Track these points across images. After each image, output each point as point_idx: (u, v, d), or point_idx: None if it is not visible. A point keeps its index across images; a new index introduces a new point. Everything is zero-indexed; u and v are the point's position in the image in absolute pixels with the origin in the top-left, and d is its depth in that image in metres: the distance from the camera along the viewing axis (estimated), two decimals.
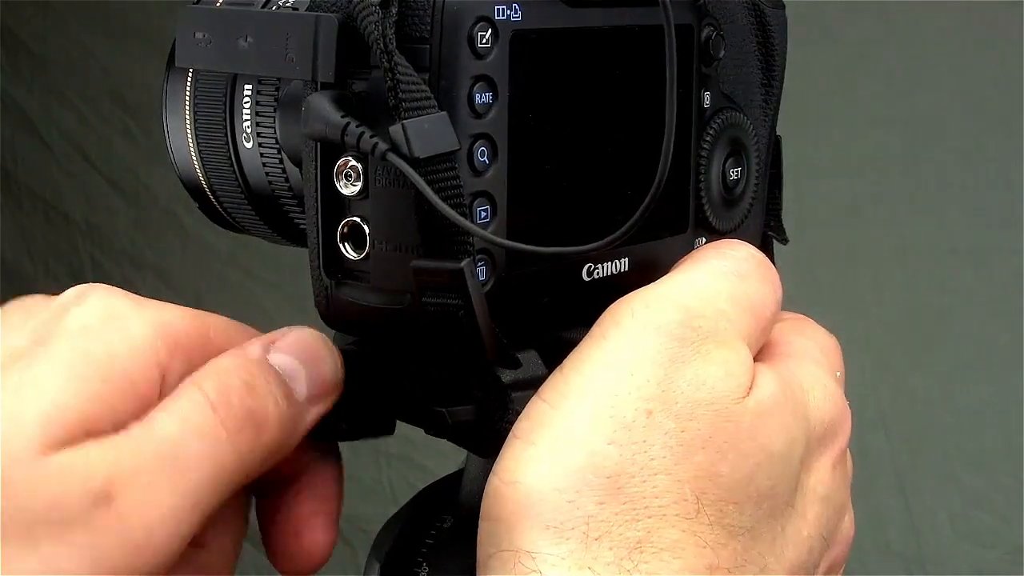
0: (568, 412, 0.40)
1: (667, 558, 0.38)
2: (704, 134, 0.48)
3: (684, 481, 0.39)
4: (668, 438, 0.39)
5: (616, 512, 0.38)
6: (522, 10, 0.42)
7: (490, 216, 0.42)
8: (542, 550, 0.38)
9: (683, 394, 0.40)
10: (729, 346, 0.41)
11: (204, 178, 0.50)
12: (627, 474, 0.39)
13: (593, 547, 0.38)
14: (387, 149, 0.39)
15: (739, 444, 0.40)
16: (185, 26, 0.44)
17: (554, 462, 0.39)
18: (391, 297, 0.42)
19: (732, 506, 0.39)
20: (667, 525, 0.39)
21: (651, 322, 0.41)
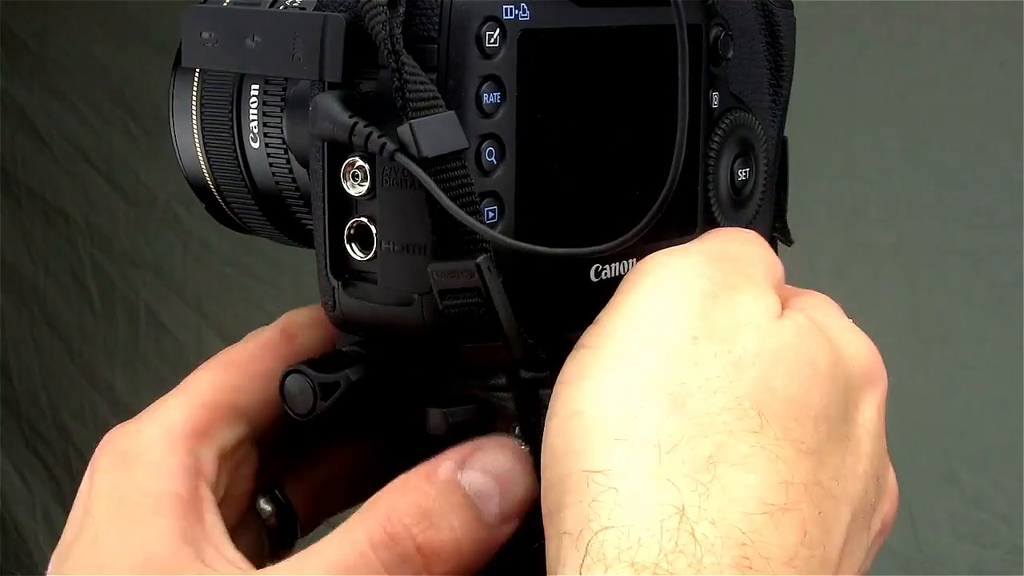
0: (616, 347, 0.40)
1: (740, 472, 0.38)
2: (713, 134, 0.48)
3: (743, 397, 0.39)
4: (717, 358, 0.39)
5: (683, 427, 0.38)
6: (530, 10, 0.41)
7: (498, 216, 0.42)
8: (614, 465, 0.37)
9: (722, 320, 0.40)
10: (755, 283, 0.42)
11: (211, 178, 0.50)
12: (687, 392, 0.39)
13: (666, 459, 0.37)
14: (395, 149, 0.39)
15: (786, 357, 0.40)
16: (191, 26, 0.44)
17: (613, 386, 0.39)
18: (399, 298, 0.42)
19: (793, 422, 0.39)
20: (735, 440, 0.38)
21: (679, 265, 0.42)
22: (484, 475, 0.42)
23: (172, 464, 0.42)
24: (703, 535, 0.36)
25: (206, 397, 0.45)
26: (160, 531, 0.40)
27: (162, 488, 0.42)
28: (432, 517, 0.40)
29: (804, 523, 0.38)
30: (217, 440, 0.44)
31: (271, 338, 0.47)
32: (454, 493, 0.41)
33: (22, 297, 2.11)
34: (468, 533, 0.41)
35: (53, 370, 2.07)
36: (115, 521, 0.41)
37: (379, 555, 0.39)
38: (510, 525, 0.42)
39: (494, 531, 0.42)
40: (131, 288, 1.99)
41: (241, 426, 0.45)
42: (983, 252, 1.39)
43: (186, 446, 0.43)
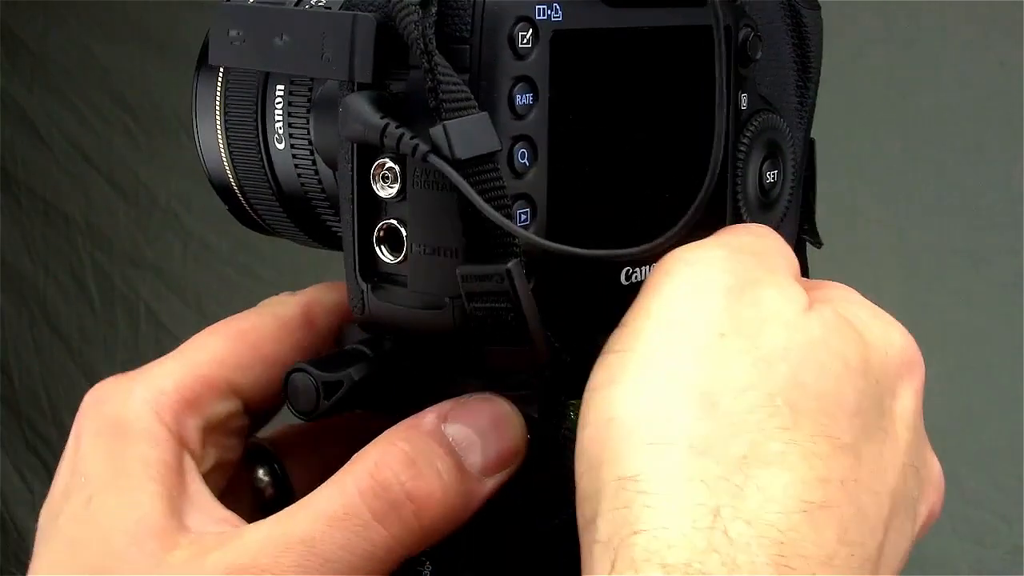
0: (644, 350, 0.39)
1: (775, 472, 0.37)
2: (741, 136, 0.48)
3: (774, 394, 0.38)
4: (746, 355, 0.39)
5: (715, 428, 0.38)
6: (563, 10, 0.41)
7: (530, 218, 0.41)
8: (645, 469, 0.37)
9: (748, 315, 0.40)
10: (778, 276, 0.42)
11: (234, 179, 0.50)
12: (717, 392, 0.38)
13: (699, 461, 0.37)
14: (428, 151, 0.38)
15: (815, 352, 0.40)
16: (219, 24, 0.43)
17: (644, 391, 0.39)
18: (429, 301, 0.41)
19: (826, 418, 0.38)
20: (768, 439, 0.38)
21: (700, 262, 0.41)
22: (466, 427, 0.42)
23: (160, 432, 0.43)
24: (738, 534, 0.36)
25: (203, 369, 0.45)
26: (152, 496, 0.41)
27: (153, 455, 0.42)
28: (419, 465, 0.40)
29: (842, 520, 0.37)
30: (205, 412, 0.44)
31: (291, 320, 0.47)
32: (438, 443, 0.41)
33: (22, 297, 2.11)
34: (454, 482, 0.41)
35: (53, 370, 2.07)
36: (109, 484, 0.42)
37: (369, 504, 0.40)
38: (493, 479, 0.42)
39: (477, 483, 0.42)
40: (131, 288, 1.99)
41: (233, 402, 0.45)
42: (983, 252, 1.39)
43: (173, 414, 0.43)
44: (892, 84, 1.42)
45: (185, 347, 0.45)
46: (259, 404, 0.46)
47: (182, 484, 0.42)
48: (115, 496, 0.42)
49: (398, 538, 0.40)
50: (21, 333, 2.11)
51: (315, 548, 0.39)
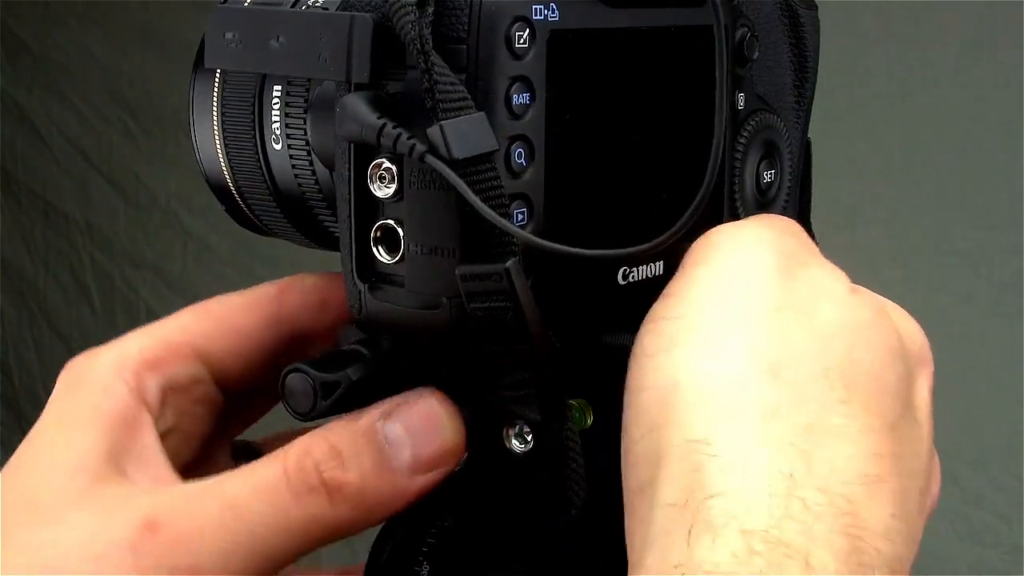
0: (701, 317, 0.40)
1: (839, 443, 0.37)
2: (738, 136, 0.48)
3: (831, 368, 0.39)
4: (803, 329, 0.39)
5: (781, 396, 0.38)
6: (560, 10, 0.41)
7: (527, 219, 0.41)
8: (718, 433, 0.37)
9: (802, 292, 0.40)
10: (820, 257, 0.43)
11: (231, 180, 0.50)
12: (779, 362, 0.39)
13: (769, 427, 0.37)
14: (425, 151, 0.39)
15: (866, 332, 0.40)
16: (215, 26, 0.43)
17: (709, 356, 0.39)
18: (426, 301, 0.41)
19: (876, 396, 0.39)
20: (828, 411, 0.38)
21: (748, 237, 0.42)
22: (401, 426, 0.43)
23: (117, 386, 0.44)
24: (812, 502, 0.36)
25: (167, 335, 0.46)
26: (91, 442, 0.43)
27: (102, 406, 0.44)
28: (342, 457, 0.42)
29: (893, 495, 0.38)
30: (166, 373, 0.46)
31: (262, 294, 0.48)
32: (369, 440, 0.43)
33: (22, 297, 2.11)
34: (373, 478, 0.42)
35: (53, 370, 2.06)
36: (52, 429, 0.44)
37: (290, 483, 0.42)
38: (425, 477, 0.43)
39: (404, 480, 0.43)
40: (131, 288, 1.99)
41: (197, 367, 0.47)
42: (983, 252, 1.39)
43: (134, 372, 0.45)
44: (892, 84, 1.42)
45: (157, 321, 0.47)
46: (232, 376, 0.47)
47: (132, 438, 0.44)
48: (58, 435, 0.44)
49: (313, 518, 0.42)
50: (21, 333, 2.11)
51: (236, 510, 0.41)
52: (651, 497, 0.38)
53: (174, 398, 0.46)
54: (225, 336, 0.47)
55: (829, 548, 0.35)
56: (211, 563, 0.40)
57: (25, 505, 0.42)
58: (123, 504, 0.42)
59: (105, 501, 0.42)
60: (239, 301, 0.48)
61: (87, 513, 0.41)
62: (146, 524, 0.41)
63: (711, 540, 0.35)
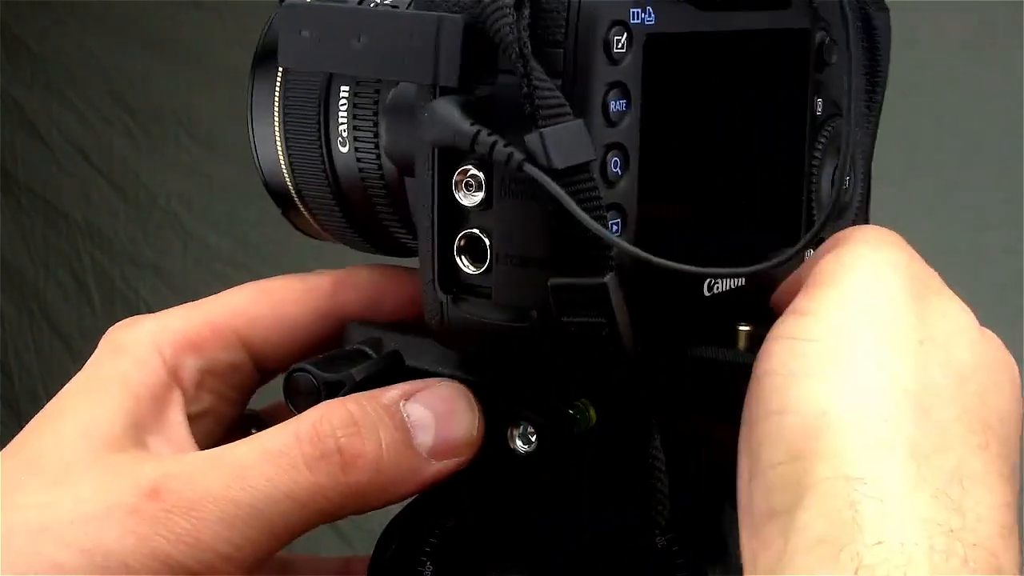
0: (842, 343, 0.38)
1: (981, 492, 0.36)
2: (816, 142, 0.47)
3: (969, 410, 0.38)
4: (942, 367, 0.38)
5: (930, 437, 0.37)
6: (656, 13, 0.40)
7: (621, 228, 0.40)
8: (873, 473, 0.35)
9: (938, 325, 0.39)
10: (944, 287, 0.42)
11: (292, 183, 0.48)
12: (927, 400, 0.37)
13: (922, 471, 0.36)
14: (523, 159, 0.37)
15: (996, 374, 0.39)
16: (288, 24, 0.41)
17: (858, 388, 0.37)
18: (514, 313, 0.40)
19: (1006, 441, 0.38)
20: (970, 455, 0.37)
21: (883, 261, 0.40)
22: (425, 408, 0.43)
23: (152, 361, 0.44)
24: (971, 558, 0.35)
25: (216, 316, 0.46)
26: (113, 409, 0.43)
27: (133, 376, 0.44)
28: (361, 427, 0.41)
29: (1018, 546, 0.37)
30: (207, 356, 0.45)
31: (318, 287, 0.47)
32: (391, 416, 0.42)
33: (22, 297, 2.11)
34: (393, 452, 0.42)
35: (53, 370, 2.07)
36: (77, 393, 0.44)
37: (302, 447, 0.41)
38: (442, 464, 0.43)
39: (422, 463, 0.42)
40: (131, 288, 1.99)
41: (239, 353, 0.46)
42: (983, 252, 1.39)
43: (173, 350, 0.45)
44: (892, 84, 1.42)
45: (209, 298, 0.46)
46: (273, 363, 0.47)
47: (158, 411, 0.44)
48: (81, 400, 0.43)
49: (322, 487, 0.41)
50: (21, 333, 2.11)
51: (245, 473, 0.40)
52: (787, 526, 0.36)
53: (211, 381, 0.46)
54: (274, 325, 0.46)
55: None
56: (212, 531, 0.40)
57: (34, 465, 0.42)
58: (131, 470, 0.41)
59: (114, 467, 0.41)
60: (294, 289, 0.47)
61: (94, 477, 0.41)
62: (150, 490, 0.40)
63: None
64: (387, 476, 0.42)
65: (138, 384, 0.44)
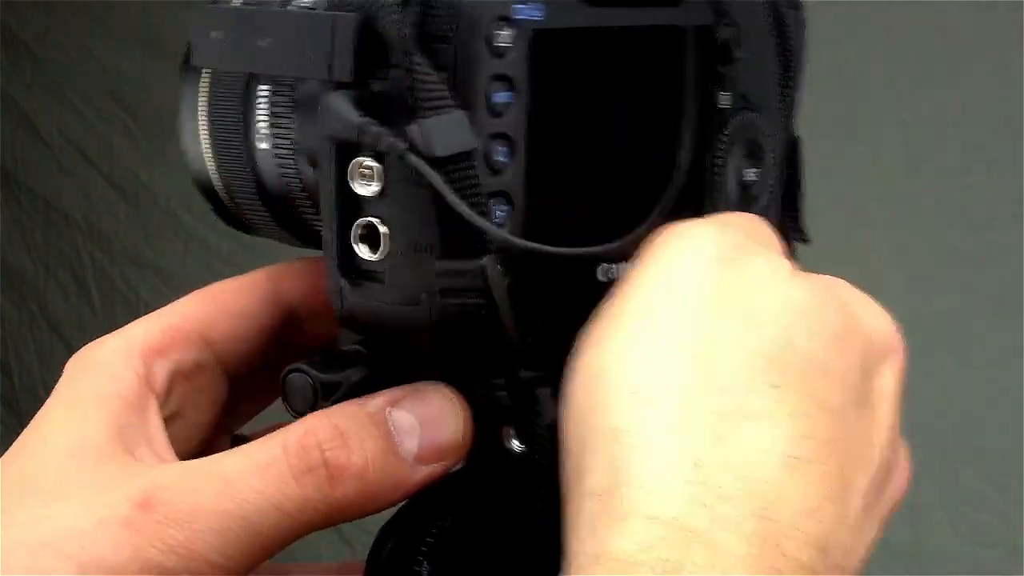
0: (635, 310, 0.40)
1: (762, 427, 0.38)
2: (721, 135, 0.48)
3: (762, 352, 0.39)
4: (736, 316, 0.40)
5: (703, 383, 0.39)
6: (542, 9, 0.41)
7: (508, 216, 0.42)
8: (635, 422, 0.38)
9: (738, 281, 0.41)
10: (767, 248, 0.43)
11: (219, 180, 0.50)
12: (707, 350, 0.39)
13: (686, 415, 0.38)
14: (405, 148, 0.39)
15: (805, 317, 0.40)
16: (200, 25, 0.44)
17: (633, 345, 0.40)
18: (407, 297, 0.42)
19: (814, 380, 0.39)
20: (755, 396, 0.39)
21: (693, 234, 0.42)
22: (410, 414, 0.43)
23: (125, 372, 0.45)
24: (722, 487, 0.37)
25: (172, 321, 0.47)
26: (96, 423, 0.43)
27: (109, 389, 0.44)
28: (347, 439, 0.42)
29: (826, 477, 0.38)
30: (173, 358, 0.46)
31: (256, 278, 0.49)
32: (376, 425, 0.42)
33: (22, 297, 2.11)
34: (379, 462, 0.42)
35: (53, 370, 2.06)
36: (57, 412, 0.44)
37: (289, 460, 0.41)
38: (429, 468, 0.43)
39: (409, 469, 0.43)
40: (131, 288, 1.99)
41: (203, 352, 0.47)
42: (983, 252, 1.39)
43: (142, 358, 0.45)
44: (892, 84, 1.42)
45: (160, 309, 0.47)
46: (235, 360, 0.47)
47: (139, 420, 0.44)
48: (63, 418, 0.44)
49: (309, 499, 0.41)
50: (21, 333, 2.11)
51: (233, 488, 0.41)
52: (580, 486, 0.39)
53: (180, 384, 0.46)
54: (226, 319, 0.47)
55: (737, 531, 0.36)
56: (205, 542, 0.40)
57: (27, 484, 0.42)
58: (122, 481, 0.42)
59: (105, 479, 0.42)
60: (236, 284, 0.48)
61: (87, 490, 0.42)
62: (142, 501, 0.41)
63: (621, 529, 0.36)
64: (374, 486, 0.42)
65: (115, 395, 0.44)
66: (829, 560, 0.38)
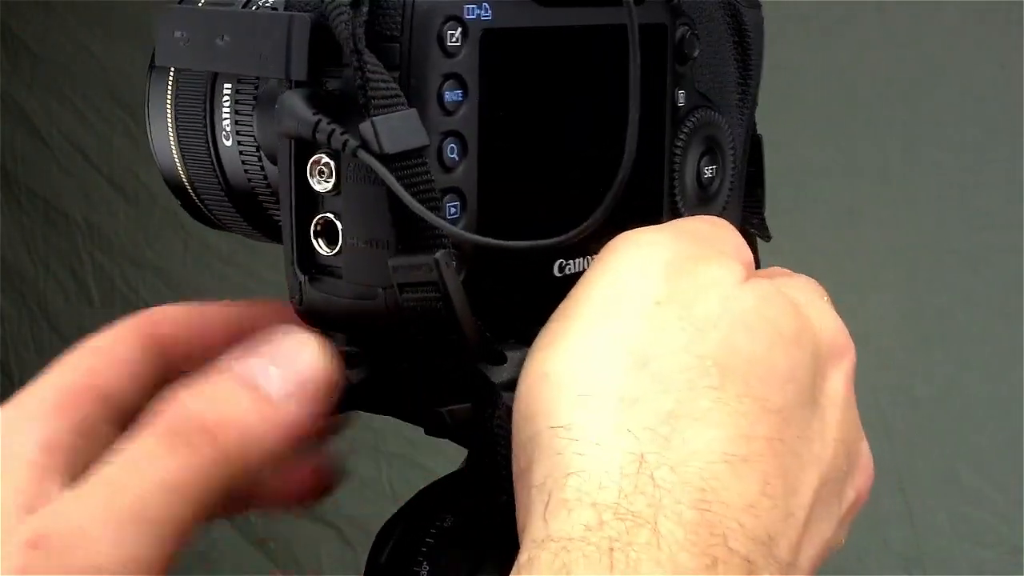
0: (583, 315, 0.42)
1: (701, 427, 0.39)
2: (678, 132, 0.49)
3: (705, 356, 0.41)
4: (681, 321, 0.41)
5: (645, 385, 0.40)
6: (492, 9, 0.42)
7: (460, 212, 0.42)
8: (577, 420, 0.40)
9: (686, 286, 0.42)
10: (720, 254, 0.44)
11: (186, 176, 0.51)
12: (649, 353, 0.41)
13: (627, 413, 0.39)
14: (357, 146, 0.40)
15: (748, 320, 0.42)
16: (164, 26, 0.44)
17: (578, 348, 0.41)
18: (364, 292, 0.42)
19: (756, 381, 0.41)
20: (696, 396, 0.40)
21: (646, 241, 0.44)
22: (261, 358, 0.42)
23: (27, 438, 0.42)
24: (662, 479, 0.38)
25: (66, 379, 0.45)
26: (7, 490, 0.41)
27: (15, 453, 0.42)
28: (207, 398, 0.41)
29: (766, 475, 0.39)
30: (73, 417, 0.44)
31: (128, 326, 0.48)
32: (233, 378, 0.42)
33: (22, 297, 2.11)
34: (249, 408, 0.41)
35: None
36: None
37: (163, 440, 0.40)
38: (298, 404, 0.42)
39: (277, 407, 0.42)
40: (131, 288, 1.99)
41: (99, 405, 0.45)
42: (983, 252, 1.39)
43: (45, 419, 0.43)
44: (892, 84, 1.42)
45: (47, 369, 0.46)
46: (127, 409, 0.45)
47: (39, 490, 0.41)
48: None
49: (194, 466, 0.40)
50: (21, 333, 2.11)
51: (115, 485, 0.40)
52: (526, 481, 0.40)
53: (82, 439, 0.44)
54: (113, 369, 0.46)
55: (677, 519, 0.38)
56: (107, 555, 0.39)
57: None
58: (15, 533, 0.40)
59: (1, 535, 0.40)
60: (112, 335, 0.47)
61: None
62: (32, 541, 0.39)
63: (566, 514, 0.38)
64: (254, 432, 0.41)
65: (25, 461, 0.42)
66: (772, 554, 0.39)
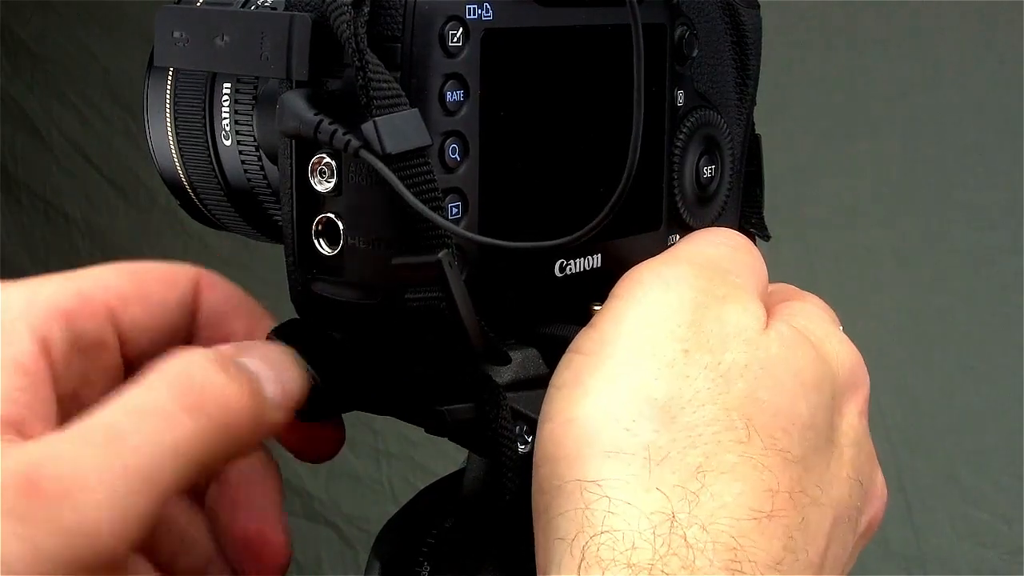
0: (609, 356, 0.42)
1: (728, 481, 0.40)
2: (677, 132, 0.49)
3: (731, 408, 0.41)
4: (708, 371, 0.42)
5: (672, 439, 0.40)
6: (494, 9, 0.42)
7: (461, 212, 0.42)
8: (607, 476, 0.39)
9: (712, 332, 0.42)
10: (742, 292, 0.44)
11: (185, 176, 0.51)
12: (677, 405, 0.41)
13: (656, 471, 0.40)
14: (359, 146, 0.40)
15: (773, 369, 0.42)
16: (163, 25, 0.44)
17: (606, 397, 0.41)
18: (365, 292, 0.42)
19: (780, 432, 0.41)
20: (723, 451, 0.40)
21: (672, 276, 0.43)
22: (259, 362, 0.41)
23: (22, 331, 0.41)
24: (694, 539, 0.38)
25: (87, 289, 0.44)
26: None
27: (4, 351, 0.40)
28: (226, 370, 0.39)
29: (789, 529, 0.40)
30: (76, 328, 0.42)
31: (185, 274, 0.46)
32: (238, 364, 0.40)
33: None
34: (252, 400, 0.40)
35: None
36: None
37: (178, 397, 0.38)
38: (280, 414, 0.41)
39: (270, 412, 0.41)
40: None
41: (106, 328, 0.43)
42: (983, 252, 1.39)
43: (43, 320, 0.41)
44: (892, 84, 1.42)
45: (78, 270, 0.45)
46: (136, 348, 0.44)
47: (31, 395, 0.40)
48: None
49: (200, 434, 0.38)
50: None
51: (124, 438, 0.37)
52: (547, 525, 0.40)
53: (77, 359, 0.42)
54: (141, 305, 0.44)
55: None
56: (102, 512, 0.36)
57: None
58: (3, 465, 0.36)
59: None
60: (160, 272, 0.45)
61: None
62: (27, 485, 0.35)
63: (600, 573, 0.38)
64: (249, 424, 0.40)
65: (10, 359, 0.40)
66: None
